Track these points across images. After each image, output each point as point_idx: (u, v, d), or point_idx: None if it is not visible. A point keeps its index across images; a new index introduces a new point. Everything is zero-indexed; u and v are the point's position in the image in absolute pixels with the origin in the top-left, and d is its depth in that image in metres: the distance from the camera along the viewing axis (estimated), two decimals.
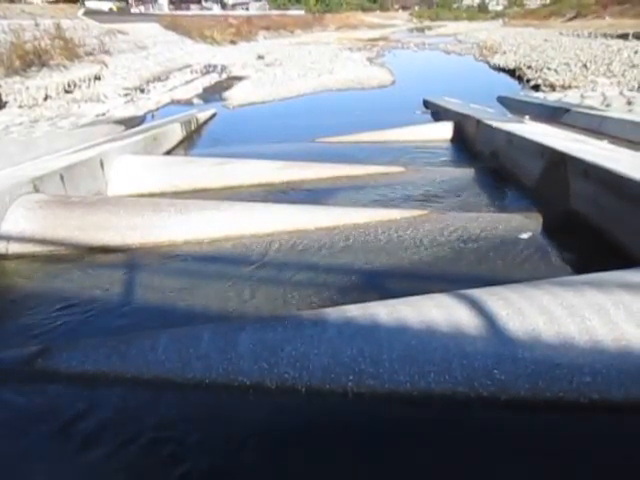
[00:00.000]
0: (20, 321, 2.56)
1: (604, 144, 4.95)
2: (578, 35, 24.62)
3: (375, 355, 1.84)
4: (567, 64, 13.05)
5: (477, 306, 1.94)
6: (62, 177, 3.83)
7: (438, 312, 1.93)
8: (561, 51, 17.09)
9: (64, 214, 3.40)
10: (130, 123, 8.12)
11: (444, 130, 6.51)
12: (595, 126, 6.21)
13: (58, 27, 16.49)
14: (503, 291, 2.06)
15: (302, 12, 59.53)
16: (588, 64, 12.71)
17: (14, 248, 3.24)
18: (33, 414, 1.87)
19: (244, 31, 34.34)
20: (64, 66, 13.87)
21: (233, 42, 30.78)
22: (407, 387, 1.78)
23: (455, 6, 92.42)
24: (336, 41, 32.62)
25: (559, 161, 3.75)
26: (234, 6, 58.44)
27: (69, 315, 2.65)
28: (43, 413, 1.87)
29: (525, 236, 3.27)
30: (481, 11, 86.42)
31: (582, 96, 8.83)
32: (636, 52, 14.41)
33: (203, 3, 54.50)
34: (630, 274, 2.15)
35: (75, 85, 12.01)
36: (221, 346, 1.95)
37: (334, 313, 2.05)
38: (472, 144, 5.95)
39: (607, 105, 7.83)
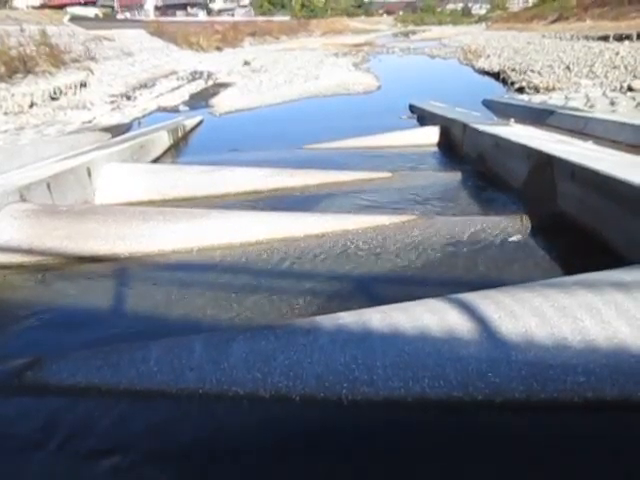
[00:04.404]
0: (7, 332, 2.52)
1: (589, 145, 5.00)
2: (560, 37, 24.94)
3: (369, 362, 1.83)
4: (550, 66, 13.20)
5: (469, 310, 1.94)
6: (49, 186, 3.79)
7: (431, 317, 1.93)
8: (544, 53, 17.27)
9: (51, 223, 3.37)
10: (117, 130, 8.07)
11: (430, 134, 6.53)
12: (580, 127, 6.28)
13: (43, 33, 16.40)
14: (495, 294, 2.06)
15: (287, 18, 59.76)
16: (571, 66, 12.86)
17: (0, 258, 3.20)
18: (23, 428, 1.84)
19: (230, 37, 34.36)
20: (50, 73, 13.78)
21: (219, 48, 30.78)
22: (402, 393, 1.77)
23: (439, 10, 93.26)
24: (322, 47, 32.72)
25: (546, 163, 3.78)
26: (220, 12, 58.58)
27: (57, 326, 2.62)
28: (33, 427, 1.84)
29: (514, 238, 3.28)
30: (464, 15, 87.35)
31: (566, 98, 8.92)
32: (617, 53, 14.61)
33: (189, 9, 54.52)
34: (620, 273, 2.17)
35: (61, 92, 11.93)
36: (214, 356, 1.93)
37: (326, 321, 2.04)
38: (459, 148, 5.98)
39: (591, 106, 7.92)
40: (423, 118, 8.06)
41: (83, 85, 13.27)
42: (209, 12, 57.22)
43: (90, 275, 3.17)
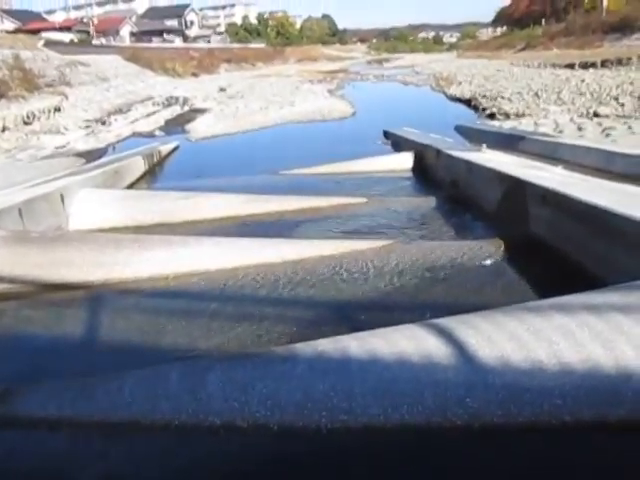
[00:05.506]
0: None
1: (559, 170, 5.14)
2: (528, 65, 25.71)
3: (347, 389, 1.82)
4: (520, 93, 13.58)
5: (446, 335, 1.95)
6: (21, 212, 3.72)
7: (409, 343, 1.94)
8: (513, 81, 17.79)
9: (22, 250, 3.30)
10: (91, 156, 8.02)
11: (405, 160, 6.63)
12: (550, 152, 6.44)
13: (17, 58, 16.32)
14: (471, 319, 2.08)
15: (263, 45, 60.68)
16: (539, 93, 13.26)
17: None
18: None
19: (206, 64, 34.67)
20: (23, 97, 13.66)
21: (195, 74, 30.98)
22: (381, 420, 1.76)
23: (411, 38, 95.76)
24: (297, 73, 33.19)
25: (517, 187, 3.87)
26: (196, 39, 59.14)
27: (27, 356, 2.56)
28: (1, 463, 1.77)
29: (488, 262, 3.33)
30: (436, 43, 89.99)
31: (536, 123, 9.18)
32: (583, 80, 15.12)
33: (165, 36, 54.92)
34: (593, 296, 2.21)
35: (34, 116, 11.82)
36: (190, 386, 1.90)
37: (304, 348, 2.03)
38: (433, 173, 6.08)
39: (560, 132, 8.16)
40: (397, 144, 8.18)
41: (57, 110, 13.18)
42: (185, 39, 57.74)
43: (63, 303, 3.10)
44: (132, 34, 52.59)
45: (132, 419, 1.85)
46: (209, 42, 58.02)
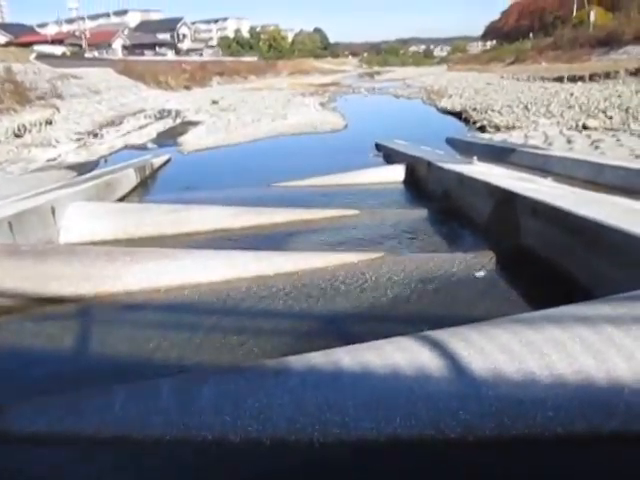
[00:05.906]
0: None
1: (549, 182, 5.18)
2: (517, 78, 26.06)
3: (340, 403, 1.80)
4: (509, 106, 13.74)
5: (439, 348, 1.94)
6: (10, 225, 3.70)
7: (401, 356, 1.93)
8: (503, 94, 17.99)
9: (12, 264, 3.27)
10: (82, 169, 7.99)
11: (396, 172, 6.67)
12: (540, 165, 6.51)
13: (8, 71, 16.35)
14: (464, 331, 2.08)
15: (255, 58, 61.09)
16: (529, 105, 13.42)
17: None
18: None
19: (198, 77, 34.85)
20: (14, 110, 13.67)
21: (187, 87, 31.13)
22: (373, 433, 1.75)
23: (402, 52, 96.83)
24: (289, 86, 33.38)
25: (508, 199, 3.89)
26: (188, 52, 59.48)
27: (16, 371, 2.53)
28: None
29: (480, 274, 3.34)
30: (427, 57, 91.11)
31: (526, 136, 9.28)
32: (572, 94, 15.33)
33: (157, 49, 55.20)
34: (584, 308, 2.22)
35: (25, 129, 11.81)
36: (181, 400, 1.88)
37: (296, 361, 2.01)
38: (424, 185, 6.11)
39: (549, 144, 8.25)
40: (389, 156, 8.23)
41: (48, 122, 13.18)
42: (177, 52, 58.09)
43: (53, 317, 3.08)
44: (124, 47, 52.86)
45: (123, 434, 1.83)
46: (201, 55, 58.36)
